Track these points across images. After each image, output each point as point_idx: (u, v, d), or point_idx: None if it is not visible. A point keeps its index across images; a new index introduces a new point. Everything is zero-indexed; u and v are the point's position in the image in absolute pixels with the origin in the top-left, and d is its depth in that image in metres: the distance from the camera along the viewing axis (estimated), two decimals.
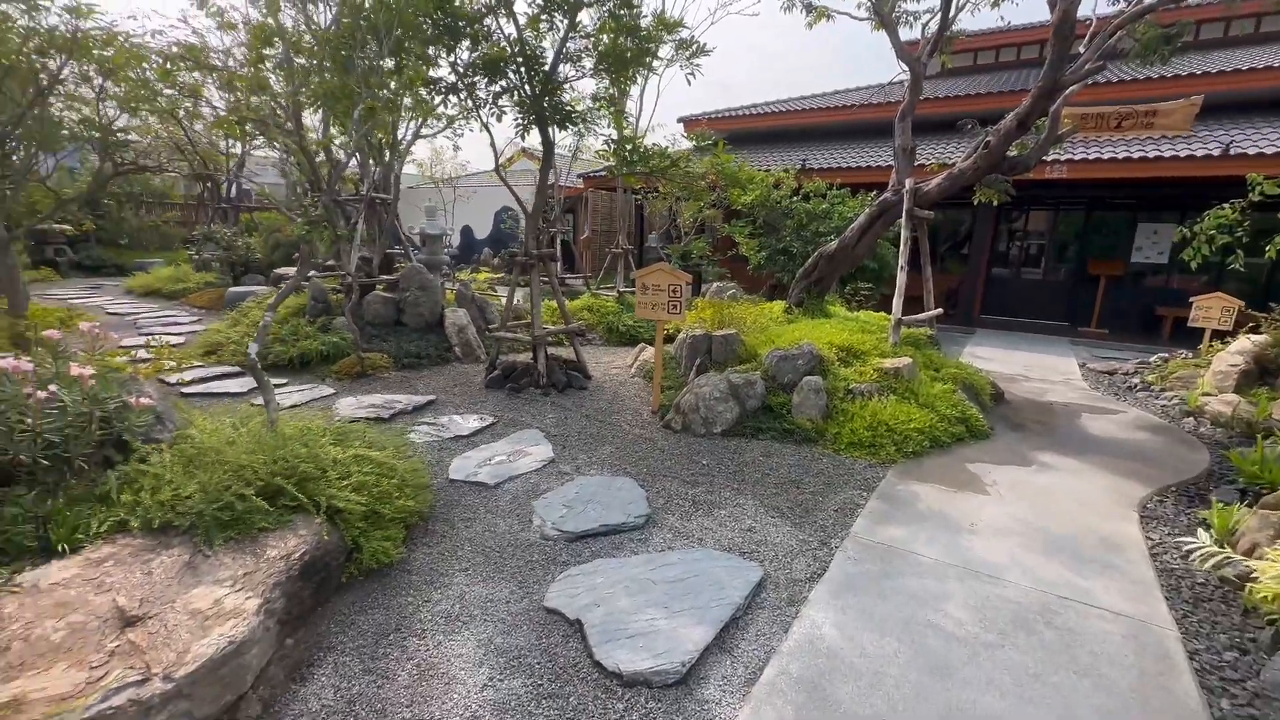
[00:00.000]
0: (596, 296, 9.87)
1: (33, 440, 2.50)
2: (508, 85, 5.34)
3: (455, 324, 7.29)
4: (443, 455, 4.32)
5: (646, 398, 5.81)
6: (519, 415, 5.26)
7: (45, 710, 1.58)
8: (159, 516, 2.48)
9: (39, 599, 2.01)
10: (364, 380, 6.19)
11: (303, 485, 2.81)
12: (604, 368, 7.05)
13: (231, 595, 2.15)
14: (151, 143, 14.65)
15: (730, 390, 5.01)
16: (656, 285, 5.12)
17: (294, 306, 7.57)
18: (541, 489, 3.87)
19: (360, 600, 2.70)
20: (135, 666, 1.77)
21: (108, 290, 12.49)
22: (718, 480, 4.09)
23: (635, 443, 4.72)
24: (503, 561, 3.06)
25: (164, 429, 3.20)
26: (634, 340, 8.47)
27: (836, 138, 14.06)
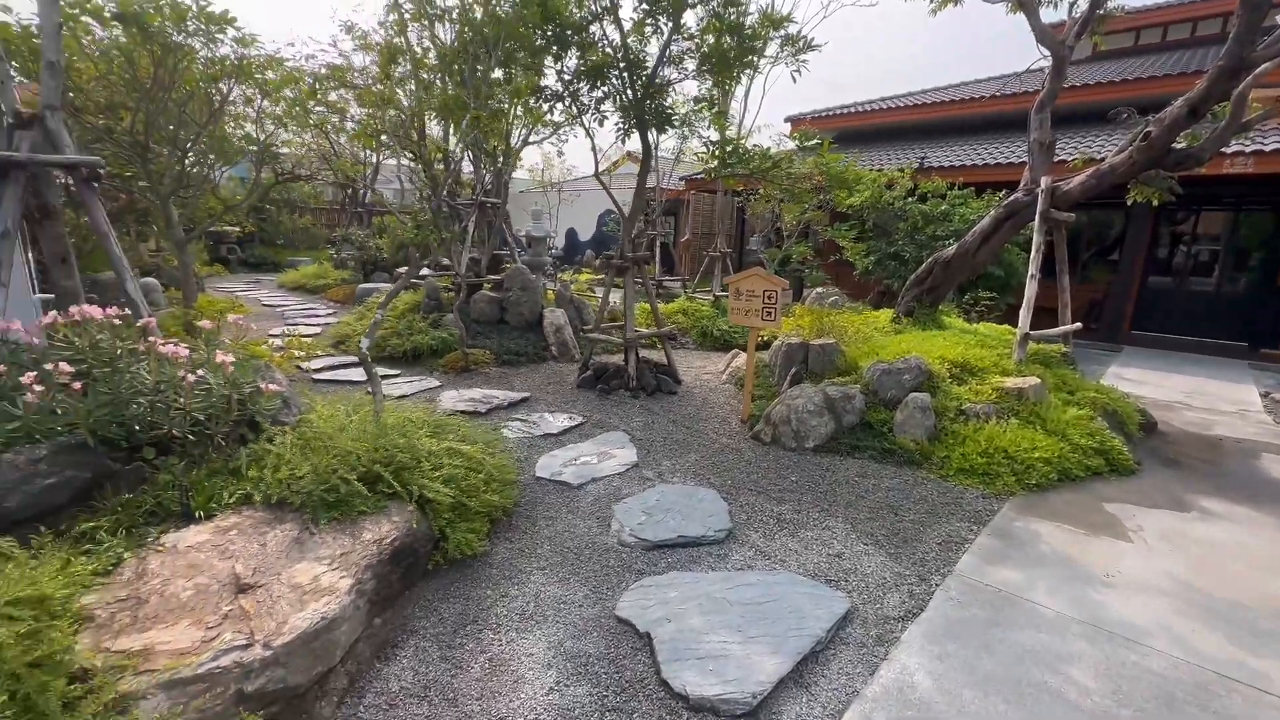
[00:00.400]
0: (692, 300, 9.79)
1: (183, 417, 2.86)
2: (609, 91, 5.41)
3: (553, 324, 7.52)
4: (531, 452, 4.45)
5: (736, 406, 5.64)
6: (607, 417, 5.30)
7: (166, 662, 1.78)
8: (277, 493, 2.74)
9: (176, 559, 2.28)
10: (467, 375, 6.54)
11: (398, 474, 2.98)
12: (695, 372, 6.95)
13: (328, 573, 2.31)
14: (303, 154, 16.56)
15: (826, 403, 4.73)
16: (750, 290, 4.95)
17: (411, 303, 8.18)
18: (623, 493, 3.86)
19: (443, 588, 2.82)
20: (242, 631, 1.94)
21: (265, 284, 14.22)
22: (806, 499, 3.87)
23: (721, 452, 4.59)
24: (579, 564, 3.08)
25: (289, 412, 3.55)
26: (728, 346, 8.29)
27: (959, 133, 12.94)
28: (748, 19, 5.21)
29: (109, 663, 1.74)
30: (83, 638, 1.83)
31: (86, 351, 2.83)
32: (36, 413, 2.49)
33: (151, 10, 4.57)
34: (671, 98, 5.61)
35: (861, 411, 4.79)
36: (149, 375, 2.84)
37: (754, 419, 5.10)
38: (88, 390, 2.69)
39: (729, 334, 8.48)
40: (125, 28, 4.74)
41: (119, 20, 4.53)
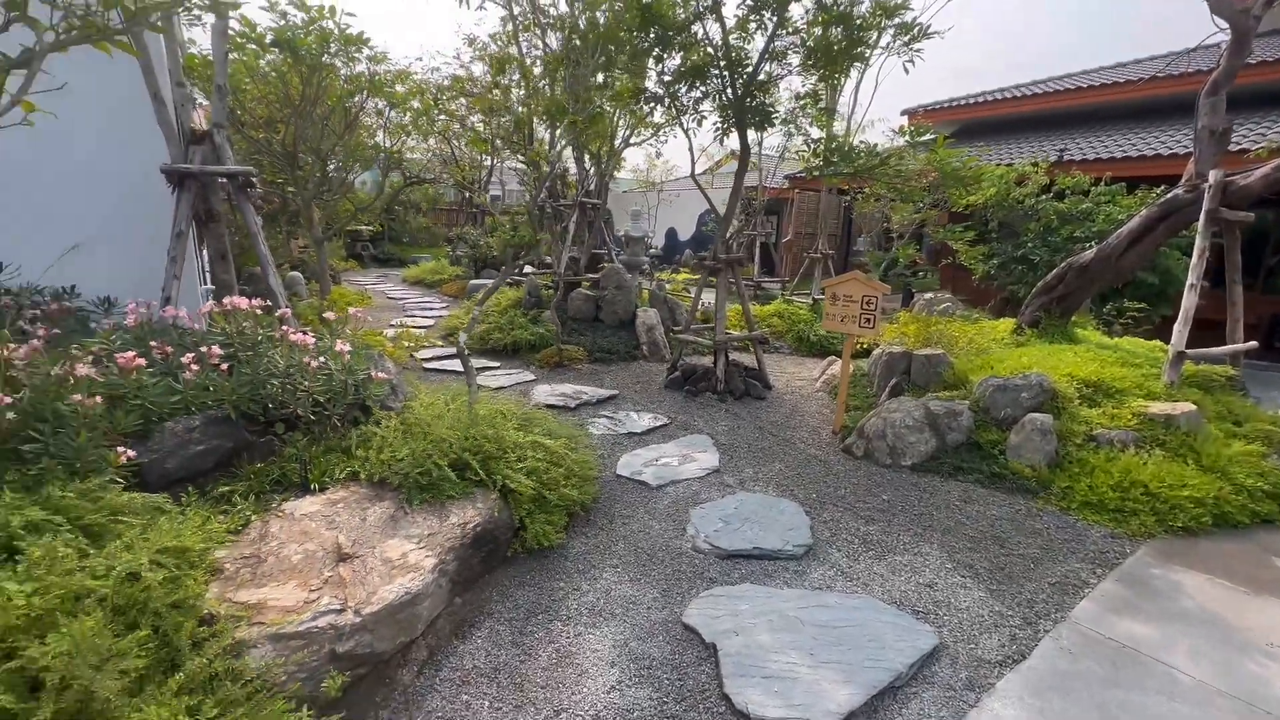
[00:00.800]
0: (790, 303, 9.47)
1: (307, 398, 3.20)
2: (708, 90, 5.35)
3: (645, 323, 7.60)
4: (614, 450, 4.52)
5: (828, 416, 5.39)
6: (692, 419, 5.27)
7: (274, 617, 2.00)
8: (379, 473, 2.99)
9: (292, 525, 2.56)
10: (560, 370, 6.78)
11: (485, 463, 3.15)
12: (787, 378, 6.72)
13: (415, 551, 2.49)
14: (427, 160, 17.99)
15: (927, 418, 4.39)
16: (848, 295, 4.70)
17: (513, 300, 8.61)
18: (701, 498, 3.82)
19: (520, 576, 2.94)
20: (338, 597, 2.14)
21: (391, 279, 15.58)
22: (898, 520, 3.61)
23: (808, 463, 4.40)
24: (651, 565, 3.08)
25: (396, 398, 3.86)
26: (825, 352, 7.93)
27: (1106, 122, 11.42)
28: (859, 8, 4.94)
29: (229, 612, 1.99)
30: (212, 587, 2.11)
31: (234, 337, 3.26)
32: (193, 389, 2.90)
33: (302, 35, 5.16)
34: (774, 94, 5.45)
35: (969, 430, 4.39)
36: (281, 360, 3.21)
37: (846, 431, 4.84)
38: (233, 371, 3.09)
39: (827, 340, 8.11)
40: (281, 52, 5.41)
41: (276, 46, 5.18)
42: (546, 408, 5.34)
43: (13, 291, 3.47)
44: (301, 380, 3.19)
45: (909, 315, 6.01)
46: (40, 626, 1.69)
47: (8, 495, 2.10)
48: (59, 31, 1.78)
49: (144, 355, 2.91)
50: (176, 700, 1.65)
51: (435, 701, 2.19)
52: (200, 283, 4.38)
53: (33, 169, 3.59)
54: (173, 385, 2.87)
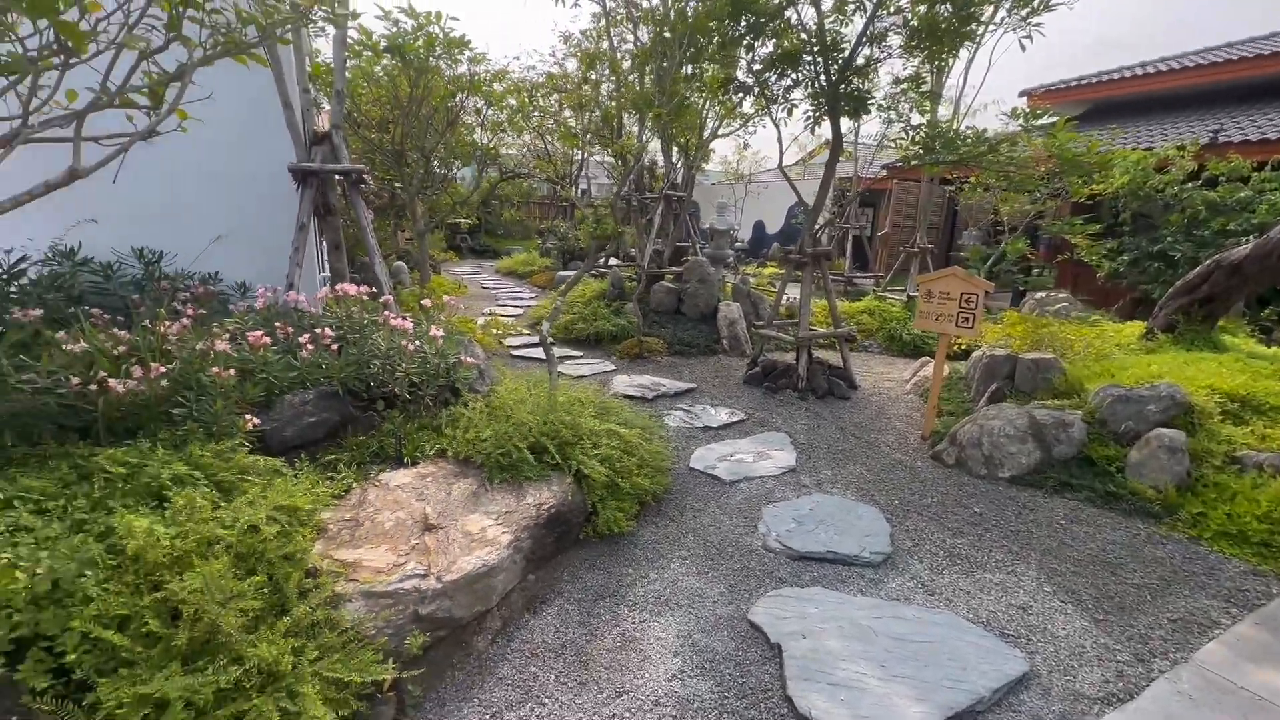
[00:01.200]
0: (882, 299, 9.01)
1: (404, 379, 3.46)
2: (799, 78, 5.18)
3: (726, 317, 7.51)
4: (688, 442, 4.52)
5: (917, 420, 5.08)
6: (770, 416, 5.16)
7: (366, 576, 2.19)
8: (464, 451, 3.18)
9: (386, 494, 2.78)
10: (640, 361, 6.86)
11: (561, 448, 3.26)
12: (875, 379, 6.41)
13: (493, 527, 2.63)
14: (522, 155, 18.70)
15: (1031, 428, 4.03)
16: (945, 292, 4.40)
17: (597, 291, 8.80)
18: (775, 496, 3.74)
19: (590, 559, 3.03)
20: (422, 564, 2.31)
21: (485, 269, 16.39)
22: (990, 535, 3.35)
23: (892, 469, 4.19)
24: (720, 560, 3.07)
25: (483, 382, 4.08)
26: (918, 352, 7.47)
27: (1271, 98, 9.83)
28: None
29: (330, 567, 2.20)
30: (316, 544, 2.34)
31: (344, 320, 3.57)
32: (308, 366, 3.22)
33: (411, 40, 5.54)
34: (871, 80, 5.18)
35: (1080, 444, 3.99)
36: (383, 343, 3.48)
37: (936, 436, 4.55)
38: (341, 351, 3.40)
39: (920, 339, 7.64)
40: (392, 57, 5.83)
41: (388, 51, 5.59)
42: (624, 398, 5.43)
43: (170, 276, 4.00)
44: (399, 362, 3.45)
45: (1016, 315, 5.52)
46: (180, 565, 1.96)
47: (160, 452, 2.44)
48: (206, 48, 2.02)
49: (269, 335, 3.27)
50: (284, 641, 1.85)
51: (505, 669, 2.31)
52: (319, 270, 4.84)
53: (184, 171, 4.11)
54: (291, 362, 3.20)
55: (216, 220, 4.30)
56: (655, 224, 8.87)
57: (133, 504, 2.18)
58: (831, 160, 5.55)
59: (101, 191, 2.61)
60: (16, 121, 1.80)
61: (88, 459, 2.32)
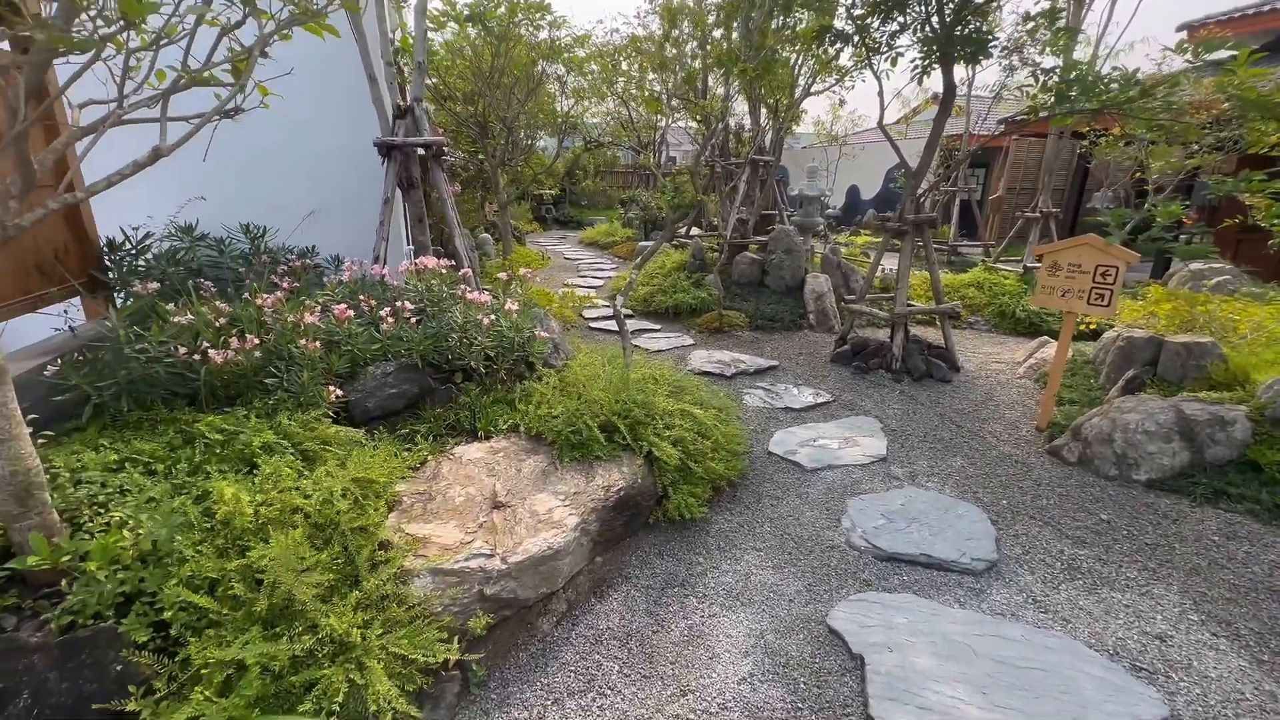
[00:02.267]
0: (993, 272, 8.12)
1: (480, 352, 3.47)
2: (906, 21, 4.60)
3: (814, 290, 7.06)
4: (768, 424, 4.29)
5: (1031, 409, 4.53)
6: (859, 398, 4.79)
7: (434, 553, 2.20)
8: (536, 427, 3.15)
9: (459, 469, 2.80)
10: (720, 335, 6.61)
11: (633, 428, 3.15)
12: (982, 359, 5.80)
13: (560, 508, 2.58)
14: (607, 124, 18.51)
15: (1179, 424, 3.45)
16: (1075, 265, 3.81)
17: (679, 262, 8.58)
18: (862, 488, 3.45)
19: (660, 545, 2.92)
20: (488, 543, 2.30)
21: (569, 241, 16.53)
22: (1120, 548, 2.91)
23: (999, 463, 3.75)
24: (798, 554, 2.87)
25: (558, 356, 4.04)
26: (1035, 330, 6.69)
27: None
28: None
29: (401, 541, 2.23)
30: (390, 517, 2.38)
31: (424, 294, 3.62)
32: (389, 339, 3.29)
33: (492, 7, 5.47)
34: (991, 19, 4.51)
35: (1243, 445, 3.36)
36: (460, 316, 3.51)
37: (1055, 429, 4.02)
38: (421, 324, 3.45)
39: (1036, 316, 6.83)
40: (474, 25, 5.81)
41: (470, 20, 5.56)
42: (701, 374, 5.25)
43: (272, 250, 4.23)
44: (475, 335, 3.46)
45: (1162, 291, 4.74)
46: (265, 531, 2.04)
47: (253, 420, 2.57)
48: (279, 20, 2.00)
49: (354, 307, 3.37)
50: (354, 615, 1.89)
51: (569, 654, 2.27)
52: (406, 243, 4.97)
53: (280, 149, 4.32)
54: (374, 335, 3.28)
55: (314, 196, 4.49)
56: (741, 191, 8.45)
57: (227, 469, 2.31)
58: (941, 115, 4.94)
59: (212, 171, 2.74)
60: (112, 104, 1.86)
61: (191, 425, 2.48)
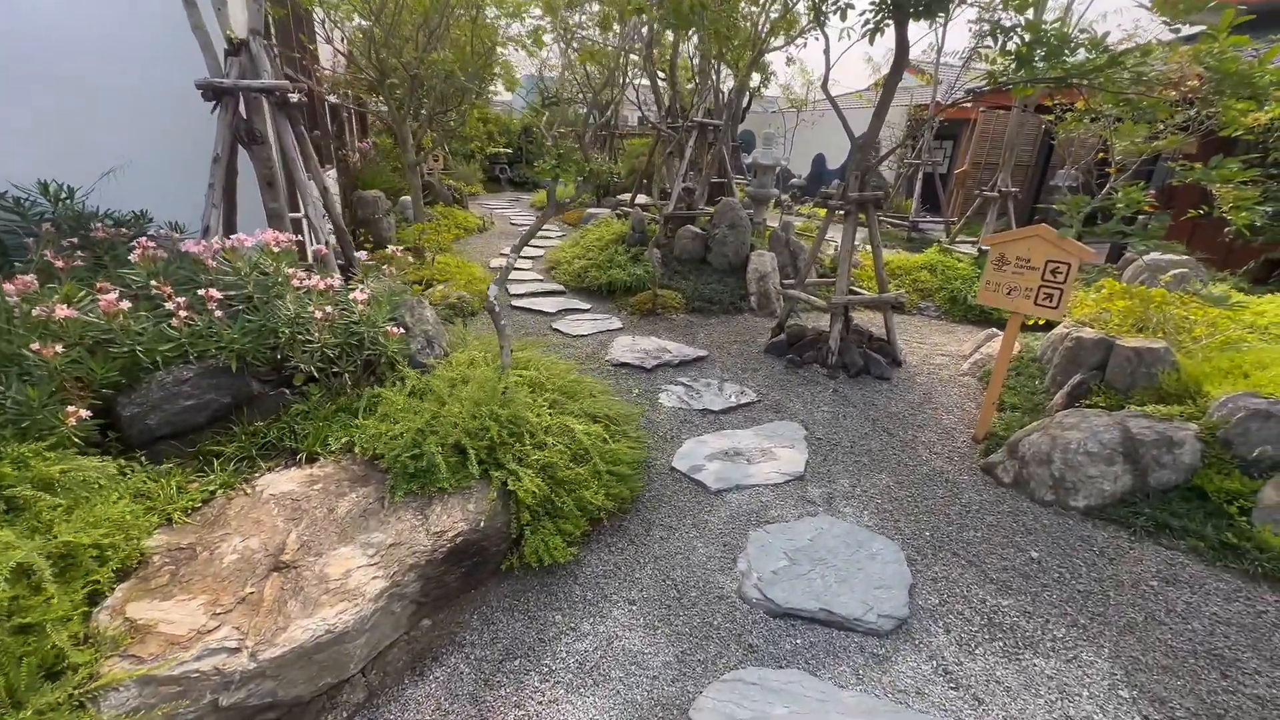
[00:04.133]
0: (947, 253, 7.71)
1: (314, 351, 2.84)
2: None
3: (757, 270, 6.53)
4: (681, 430, 3.79)
5: (971, 414, 4.13)
6: (787, 398, 4.32)
7: (155, 648, 1.64)
8: (374, 447, 2.57)
9: (251, 510, 2.22)
10: (652, 318, 6.05)
11: (491, 451, 2.61)
12: (927, 352, 5.39)
13: (364, 568, 2.03)
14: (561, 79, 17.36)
15: (1124, 444, 3.06)
16: (1023, 260, 3.34)
17: (619, 233, 7.92)
18: (770, 514, 2.99)
19: (513, 598, 2.41)
20: (240, 629, 1.74)
21: (521, 204, 15.61)
22: (1050, 595, 2.52)
23: (928, 482, 3.33)
24: (678, 609, 2.39)
25: (431, 352, 3.43)
26: (985, 319, 6.33)
27: None
28: None
29: (114, 631, 1.66)
30: (119, 591, 1.80)
31: (248, 277, 2.95)
32: (190, 335, 2.64)
33: None
34: None
35: (1190, 470, 3.00)
36: (293, 306, 2.86)
37: (992, 441, 3.62)
38: (237, 317, 2.80)
39: None
40: None
41: None
42: (619, 367, 4.72)
43: (79, 214, 3.47)
44: (307, 331, 2.83)
45: (1117, 285, 4.35)
46: None
47: None
48: None
49: (146, 296, 2.69)
50: None
51: None
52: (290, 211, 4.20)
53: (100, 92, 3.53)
54: (168, 331, 2.62)
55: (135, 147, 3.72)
56: (686, 158, 7.78)
57: None
58: (892, 77, 4.36)
59: None
60: None
61: None
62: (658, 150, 9.13)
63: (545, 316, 6.00)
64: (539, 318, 5.96)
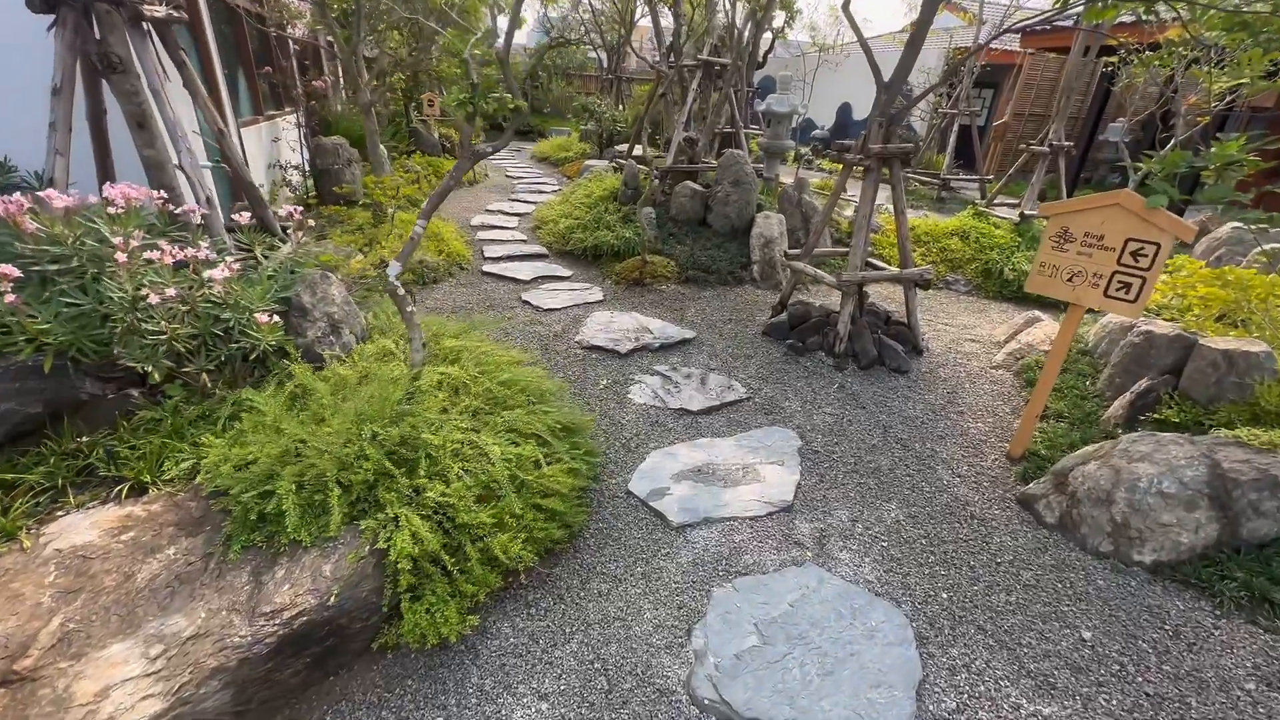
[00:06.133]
0: (983, 217, 6.77)
1: (158, 345, 2.21)
2: None
3: (762, 235, 5.72)
4: (648, 437, 3.13)
5: (1005, 419, 3.41)
6: (783, 395, 3.63)
7: None
8: (219, 480, 1.95)
9: (19, 574, 1.63)
10: (639, 289, 5.32)
11: (372, 486, 1.98)
12: (953, 336, 4.62)
13: (136, 683, 1.43)
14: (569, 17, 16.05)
15: (1211, 485, 2.34)
16: (1093, 237, 2.55)
17: (612, 190, 7.10)
18: (745, 561, 2.36)
19: (385, 687, 1.82)
20: None
21: (523, 154, 14.64)
22: (1107, 699, 1.87)
23: (950, 516, 2.66)
24: (602, 712, 1.79)
25: (332, 341, 2.78)
26: (1025, 297, 5.50)
27: None
28: None
29: None
30: None
31: (78, 247, 2.29)
32: None
33: None
34: None
35: None
36: (129, 287, 2.21)
37: (1032, 462, 2.92)
38: (51, 300, 2.16)
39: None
40: None
41: None
42: (588, 350, 4.05)
43: None
44: (144, 318, 2.18)
45: (1198, 267, 3.51)
46: None
47: None
48: None
49: None
50: None
51: None
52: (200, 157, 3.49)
53: None
54: None
55: None
56: (689, 103, 6.84)
57: None
58: (926, 11, 3.46)
59: None
60: None
61: None
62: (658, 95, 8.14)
63: (518, 285, 5.30)
64: (511, 286, 5.27)
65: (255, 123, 5.64)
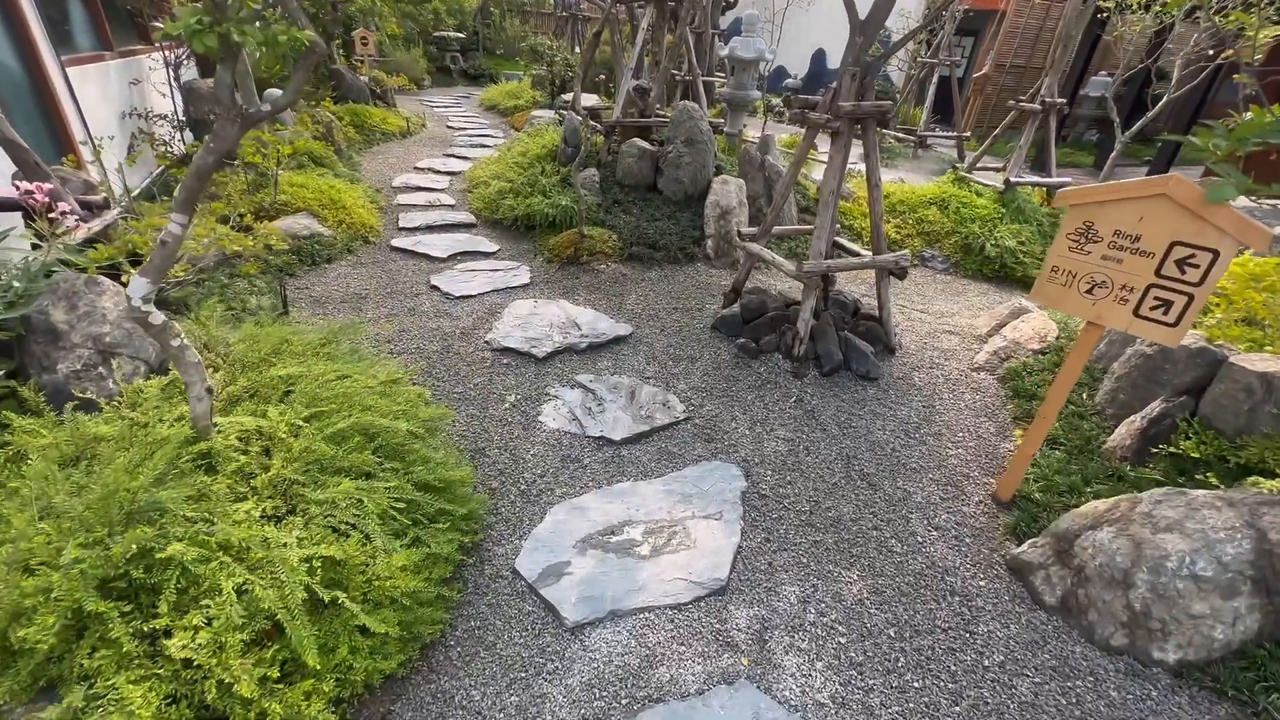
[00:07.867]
0: (964, 182, 6.12)
1: None
2: None
3: (718, 204, 4.97)
4: (555, 476, 2.48)
5: (989, 439, 2.86)
6: (728, 413, 3.00)
7: None
8: None
9: None
10: (571, 270, 4.57)
11: (80, 632, 1.30)
12: (930, 328, 4.04)
13: None
14: None
15: (1256, 563, 1.82)
16: (1126, 236, 1.92)
17: (552, 147, 6.21)
18: (657, 679, 1.76)
19: None
20: None
21: (471, 101, 13.33)
22: None
23: (923, 589, 2.10)
24: None
25: (104, 376, 2.02)
26: (1007, 278, 4.94)
27: None
28: None
29: None
30: None
31: None
32: None
33: None
34: None
35: None
36: None
37: (1025, 509, 2.37)
38: None
39: (1012, 255, 5.03)
40: None
41: None
42: (499, 354, 3.34)
43: None
44: None
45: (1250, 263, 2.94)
46: None
47: None
48: None
49: None
50: None
51: None
52: None
53: None
54: None
55: None
56: (638, 46, 5.92)
57: None
58: None
59: None
60: None
61: None
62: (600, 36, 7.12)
63: (430, 264, 4.50)
64: (422, 266, 4.47)
65: (99, 59, 4.57)
